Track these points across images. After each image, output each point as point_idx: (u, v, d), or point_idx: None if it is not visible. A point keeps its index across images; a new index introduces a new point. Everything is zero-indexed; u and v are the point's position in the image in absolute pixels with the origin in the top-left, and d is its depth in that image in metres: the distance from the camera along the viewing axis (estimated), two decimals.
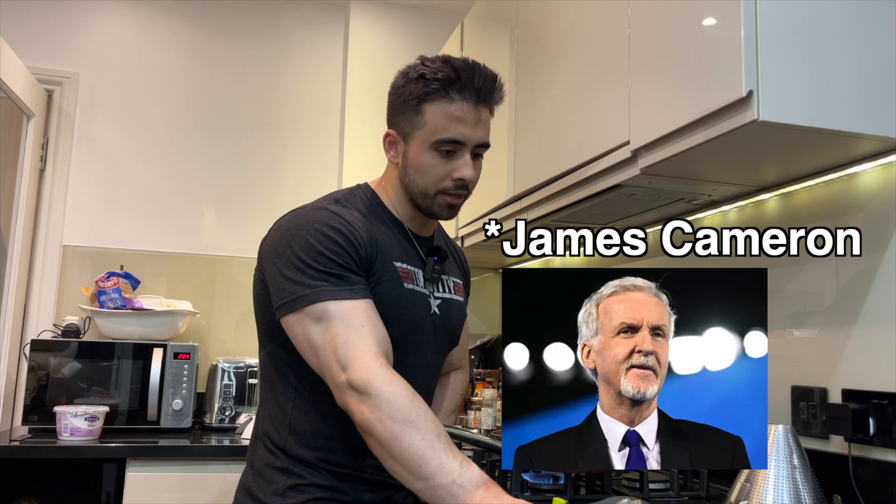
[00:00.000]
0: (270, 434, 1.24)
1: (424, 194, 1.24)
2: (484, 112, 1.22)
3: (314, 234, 1.14)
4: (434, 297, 1.31)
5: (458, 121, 1.19)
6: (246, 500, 1.23)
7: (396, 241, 1.26)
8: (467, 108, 1.19)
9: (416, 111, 1.21)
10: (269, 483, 1.20)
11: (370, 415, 1.03)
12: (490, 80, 1.22)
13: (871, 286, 1.31)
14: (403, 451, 0.99)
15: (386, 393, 1.02)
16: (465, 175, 1.21)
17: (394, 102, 1.25)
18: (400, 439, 1.00)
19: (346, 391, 1.06)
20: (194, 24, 3.13)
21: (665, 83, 1.31)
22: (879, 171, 1.31)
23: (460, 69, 1.19)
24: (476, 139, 1.21)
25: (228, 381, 2.63)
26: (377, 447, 1.03)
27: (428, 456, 0.98)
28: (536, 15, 1.94)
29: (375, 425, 1.02)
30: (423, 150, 1.21)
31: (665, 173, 1.42)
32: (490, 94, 1.22)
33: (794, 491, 1.09)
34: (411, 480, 0.99)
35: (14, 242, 2.71)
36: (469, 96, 1.19)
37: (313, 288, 1.11)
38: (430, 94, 1.19)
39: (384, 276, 1.20)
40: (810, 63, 1.12)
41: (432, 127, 1.20)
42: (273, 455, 1.22)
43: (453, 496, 0.95)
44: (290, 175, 3.15)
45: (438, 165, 1.21)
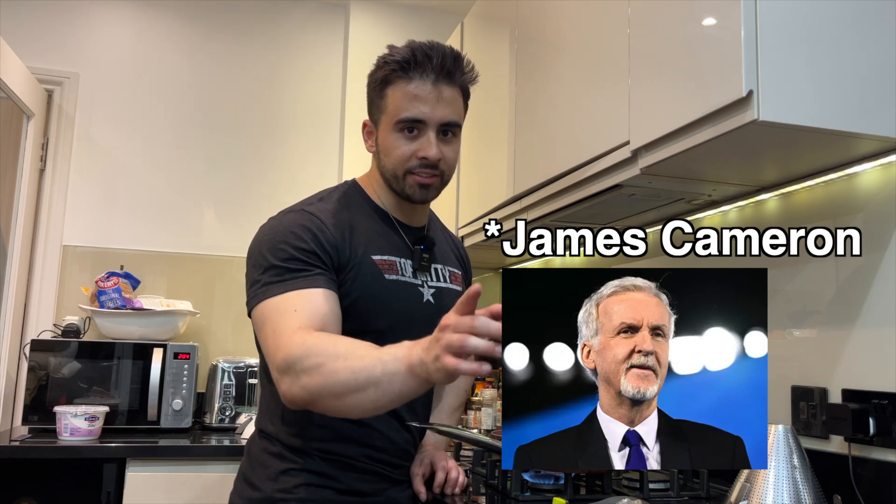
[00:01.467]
0: (267, 423, 1.27)
1: (395, 176, 1.26)
2: (446, 90, 1.22)
3: (283, 234, 1.18)
4: (427, 287, 1.31)
5: (417, 99, 1.20)
6: (242, 486, 1.26)
7: (378, 232, 1.28)
8: (426, 86, 1.20)
9: (381, 96, 1.24)
10: (264, 468, 1.23)
11: (300, 380, 1.01)
12: (450, 57, 1.21)
13: (871, 286, 1.31)
14: (337, 384, 0.98)
15: (301, 354, 1.02)
16: (428, 154, 1.21)
17: (368, 93, 1.29)
18: (328, 378, 0.99)
19: (279, 381, 1.06)
20: (194, 24, 3.13)
21: (665, 83, 1.31)
22: (879, 171, 1.31)
23: (417, 49, 1.21)
24: (438, 117, 1.21)
25: (228, 381, 2.63)
26: (324, 405, 1.02)
27: (355, 368, 0.97)
28: (536, 15, 1.94)
29: (308, 383, 1.01)
30: (388, 132, 1.24)
31: (665, 173, 1.42)
32: (451, 72, 1.22)
33: (794, 491, 1.09)
34: (365, 399, 0.97)
35: (14, 242, 2.71)
36: (427, 75, 1.20)
37: (264, 286, 1.14)
38: (391, 76, 1.22)
39: (362, 271, 1.21)
40: (810, 63, 1.12)
41: (394, 108, 1.22)
42: (269, 442, 1.25)
43: (397, 373, 0.94)
44: (290, 175, 3.15)
45: (402, 146, 1.23)
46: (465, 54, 1.25)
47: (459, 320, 0.87)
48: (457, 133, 1.27)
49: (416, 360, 0.92)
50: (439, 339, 0.88)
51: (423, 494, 1.33)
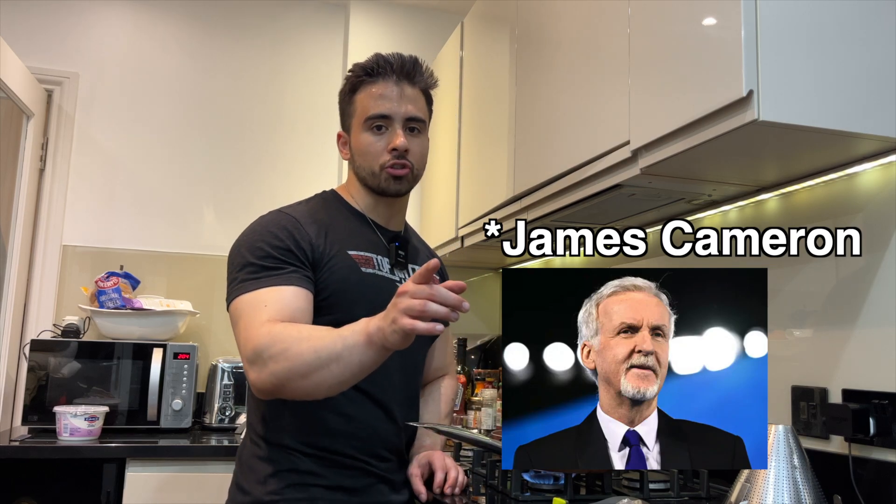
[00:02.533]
0: (253, 426, 1.30)
1: (372, 173, 1.33)
2: (408, 89, 1.32)
3: (260, 233, 1.26)
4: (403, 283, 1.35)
5: (381, 97, 1.30)
6: (235, 492, 1.28)
7: (354, 231, 1.34)
8: (388, 85, 1.31)
9: (349, 103, 1.35)
10: (253, 472, 1.25)
11: (268, 367, 1.08)
12: (409, 62, 1.33)
13: (871, 286, 1.31)
14: (303, 361, 1.05)
15: (266, 343, 1.09)
16: (396, 143, 1.29)
17: (339, 107, 1.39)
18: (294, 362, 1.06)
19: (249, 370, 1.12)
20: (194, 24, 3.13)
21: (665, 83, 1.31)
22: (879, 171, 1.31)
23: (380, 57, 1.32)
24: (402, 112, 1.31)
25: (228, 381, 2.63)
26: (293, 388, 1.08)
27: (318, 347, 1.05)
28: (536, 15, 1.94)
29: (275, 368, 1.07)
30: (359, 133, 1.32)
31: (665, 173, 1.42)
32: (411, 73, 1.33)
33: (794, 491, 1.09)
34: (329, 376, 1.05)
35: (14, 242, 2.71)
36: (389, 76, 1.31)
37: (240, 283, 1.20)
38: (357, 83, 1.33)
39: (338, 264, 1.27)
40: (810, 63, 1.12)
41: (362, 109, 1.32)
42: (256, 446, 1.27)
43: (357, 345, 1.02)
44: (289, 175, 3.15)
45: (374, 142, 1.31)
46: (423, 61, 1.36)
47: (418, 288, 0.96)
48: (423, 130, 1.35)
49: (373, 329, 1.01)
50: (397, 304, 0.97)
51: (424, 495, 1.33)
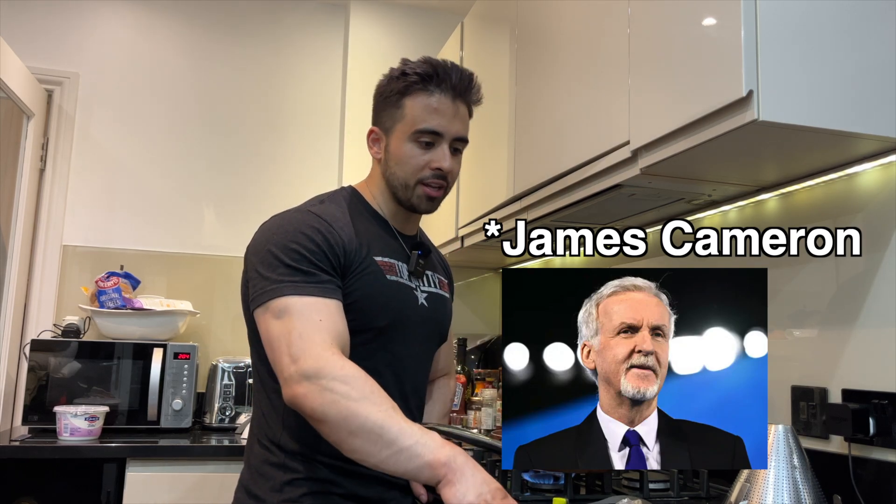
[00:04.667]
0: (265, 431, 1.26)
1: (405, 185, 1.28)
2: (461, 107, 1.28)
3: (293, 234, 1.19)
4: (420, 291, 1.34)
5: (436, 112, 1.25)
6: (245, 498, 1.24)
7: (379, 236, 1.30)
8: (445, 101, 1.25)
9: (396, 105, 1.27)
10: (266, 479, 1.22)
11: (323, 396, 1.04)
12: (466, 77, 1.28)
13: (871, 286, 1.31)
14: (362, 424, 1.01)
15: (339, 376, 1.05)
16: (442, 165, 1.26)
17: (377, 101, 1.32)
18: (357, 414, 1.01)
19: (296, 382, 1.07)
20: (194, 24, 3.13)
21: (665, 83, 1.31)
22: (879, 171, 1.31)
23: (438, 66, 1.26)
24: (454, 132, 1.27)
25: (228, 381, 2.63)
26: (333, 429, 1.04)
27: (388, 424, 1.00)
28: (536, 15, 1.94)
29: (330, 407, 1.03)
30: (403, 141, 1.26)
31: (665, 173, 1.42)
32: (467, 90, 1.28)
33: (794, 491, 1.09)
34: (373, 452, 1.01)
35: (14, 242, 2.71)
36: (446, 90, 1.25)
37: (279, 283, 1.15)
38: (410, 87, 1.25)
39: (367, 269, 1.23)
40: (810, 63, 1.12)
41: (412, 119, 1.25)
42: (269, 452, 1.24)
43: (419, 455, 0.98)
44: (289, 175, 3.16)
45: (417, 156, 1.26)
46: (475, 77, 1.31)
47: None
48: (462, 149, 1.32)
49: (444, 459, 0.98)
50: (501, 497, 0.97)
51: (424, 496, 1.33)
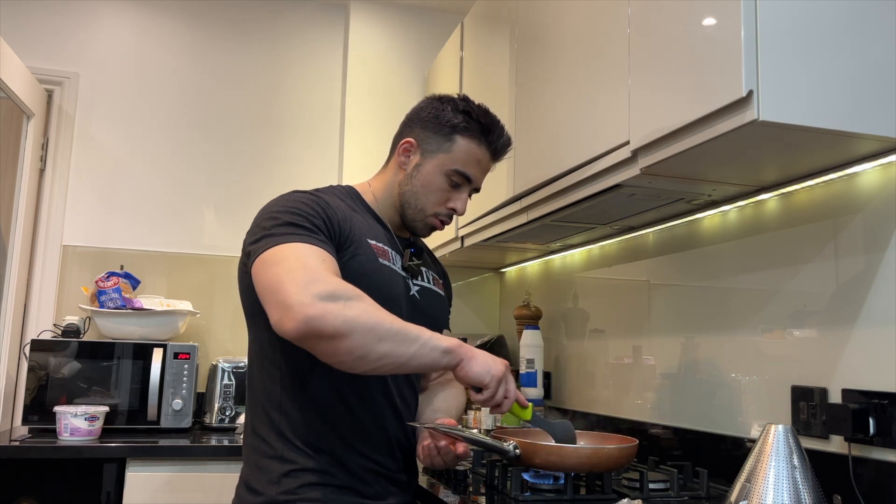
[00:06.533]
0: (262, 422, 1.27)
1: (420, 209, 1.38)
2: (491, 166, 1.42)
3: (292, 202, 1.25)
4: (413, 283, 1.39)
5: (478, 164, 1.38)
6: (244, 492, 1.26)
7: (373, 227, 1.35)
8: (487, 156, 1.39)
9: (447, 137, 1.36)
10: (264, 472, 1.23)
11: (347, 312, 1.07)
12: (507, 142, 1.42)
13: (871, 286, 1.31)
14: (389, 328, 1.10)
15: (354, 294, 1.11)
16: (458, 208, 1.38)
17: (426, 119, 1.39)
18: (383, 321, 1.10)
19: (309, 305, 1.06)
20: (194, 24, 3.13)
21: (665, 83, 1.31)
22: (879, 171, 1.31)
23: (495, 125, 1.39)
24: (479, 183, 1.41)
25: (228, 381, 2.63)
26: (361, 340, 1.08)
27: (406, 325, 1.13)
28: (536, 15, 1.94)
29: (358, 317, 1.08)
30: (438, 172, 1.36)
31: (665, 173, 1.42)
32: (502, 154, 1.43)
33: (794, 491, 1.09)
34: (403, 351, 1.11)
35: (14, 242, 2.71)
36: (491, 148, 1.39)
37: (280, 235, 1.18)
38: (468, 130, 1.36)
39: (358, 250, 1.27)
40: (810, 63, 1.12)
41: (456, 158, 1.36)
42: (266, 444, 1.25)
43: (438, 345, 1.14)
44: (289, 175, 3.15)
45: (443, 191, 1.37)
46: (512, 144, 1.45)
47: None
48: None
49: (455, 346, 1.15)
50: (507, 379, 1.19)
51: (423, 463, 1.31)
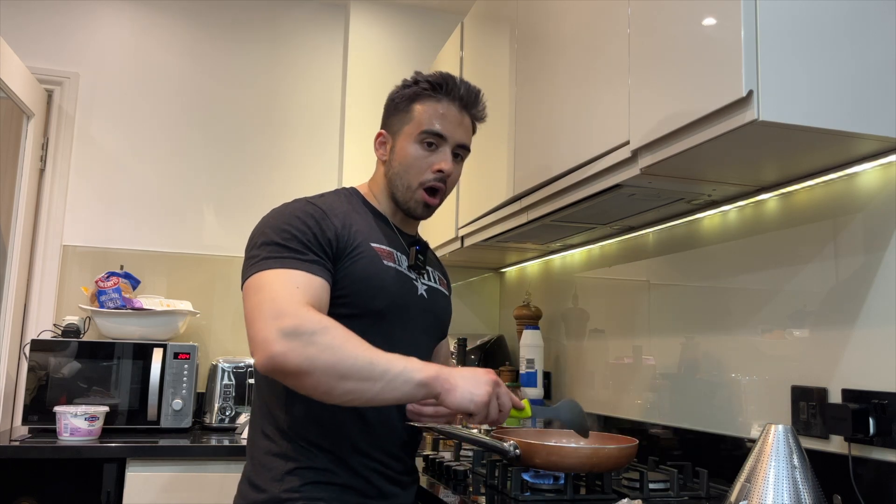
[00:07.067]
0: (266, 424, 1.27)
1: (407, 186, 1.35)
2: (466, 118, 1.37)
3: (288, 217, 1.24)
4: (420, 283, 1.38)
5: (443, 117, 1.33)
6: (247, 489, 1.26)
7: (377, 228, 1.35)
8: (452, 109, 1.34)
9: (406, 110, 1.35)
10: (268, 470, 1.23)
11: (307, 350, 1.05)
12: (474, 92, 1.37)
13: (870, 286, 1.31)
14: (352, 366, 1.05)
15: (318, 329, 1.07)
16: (443, 167, 1.32)
17: (388, 108, 1.40)
18: (346, 357, 1.05)
19: (274, 342, 1.06)
20: (194, 24, 3.13)
21: (665, 83, 1.31)
22: (879, 171, 1.31)
23: (448, 77, 1.35)
24: (457, 137, 1.34)
25: (228, 381, 2.63)
26: (322, 379, 1.05)
27: (375, 359, 1.06)
28: (536, 15, 1.94)
29: (318, 356, 1.05)
30: (409, 142, 1.34)
31: (665, 173, 1.42)
32: (473, 104, 1.37)
33: (794, 491, 1.09)
34: (367, 388, 1.06)
35: (14, 242, 2.71)
36: (454, 100, 1.35)
37: (266, 259, 1.18)
38: (420, 94, 1.35)
39: (362, 254, 1.26)
40: (810, 63, 1.12)
41: (419, 121, 1.34)
42: (271, 441, 1.25)
43: (411, 378, 1.07)
44: (290, 175, 3.16)
45: (421, 157, 1.33)
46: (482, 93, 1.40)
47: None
48: (464, 157, 1.39)
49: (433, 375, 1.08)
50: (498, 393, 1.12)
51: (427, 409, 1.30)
